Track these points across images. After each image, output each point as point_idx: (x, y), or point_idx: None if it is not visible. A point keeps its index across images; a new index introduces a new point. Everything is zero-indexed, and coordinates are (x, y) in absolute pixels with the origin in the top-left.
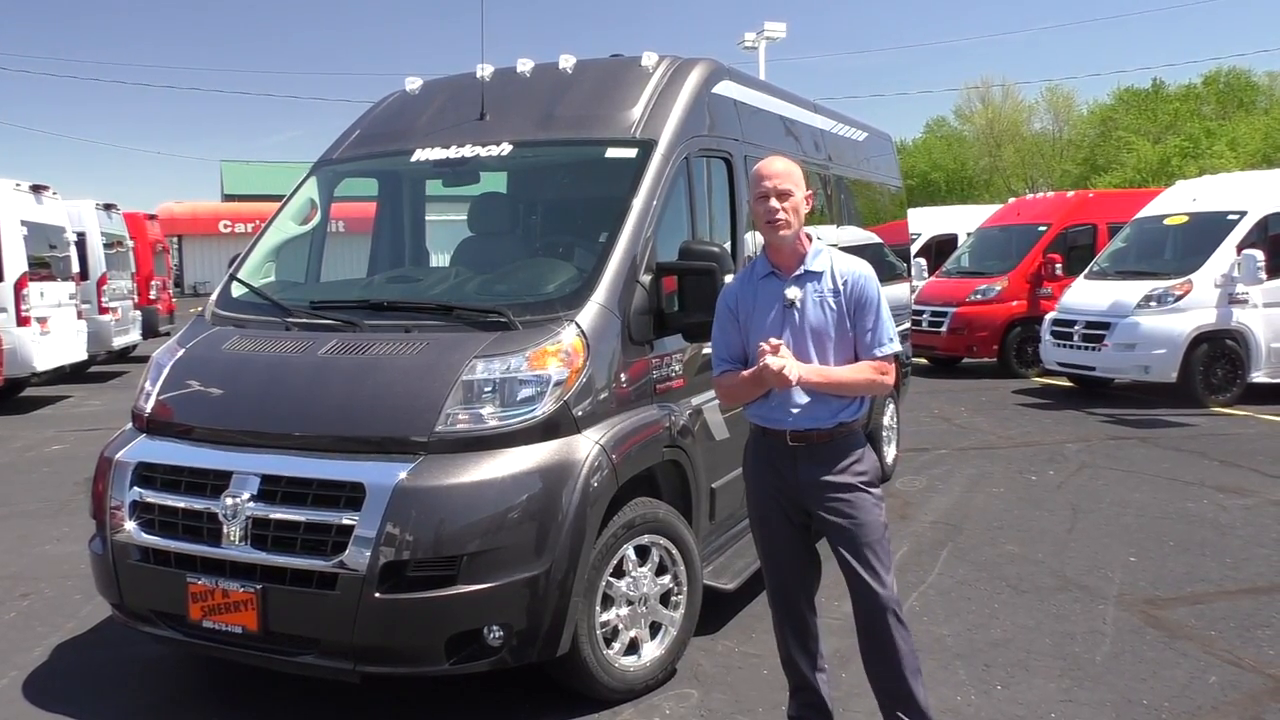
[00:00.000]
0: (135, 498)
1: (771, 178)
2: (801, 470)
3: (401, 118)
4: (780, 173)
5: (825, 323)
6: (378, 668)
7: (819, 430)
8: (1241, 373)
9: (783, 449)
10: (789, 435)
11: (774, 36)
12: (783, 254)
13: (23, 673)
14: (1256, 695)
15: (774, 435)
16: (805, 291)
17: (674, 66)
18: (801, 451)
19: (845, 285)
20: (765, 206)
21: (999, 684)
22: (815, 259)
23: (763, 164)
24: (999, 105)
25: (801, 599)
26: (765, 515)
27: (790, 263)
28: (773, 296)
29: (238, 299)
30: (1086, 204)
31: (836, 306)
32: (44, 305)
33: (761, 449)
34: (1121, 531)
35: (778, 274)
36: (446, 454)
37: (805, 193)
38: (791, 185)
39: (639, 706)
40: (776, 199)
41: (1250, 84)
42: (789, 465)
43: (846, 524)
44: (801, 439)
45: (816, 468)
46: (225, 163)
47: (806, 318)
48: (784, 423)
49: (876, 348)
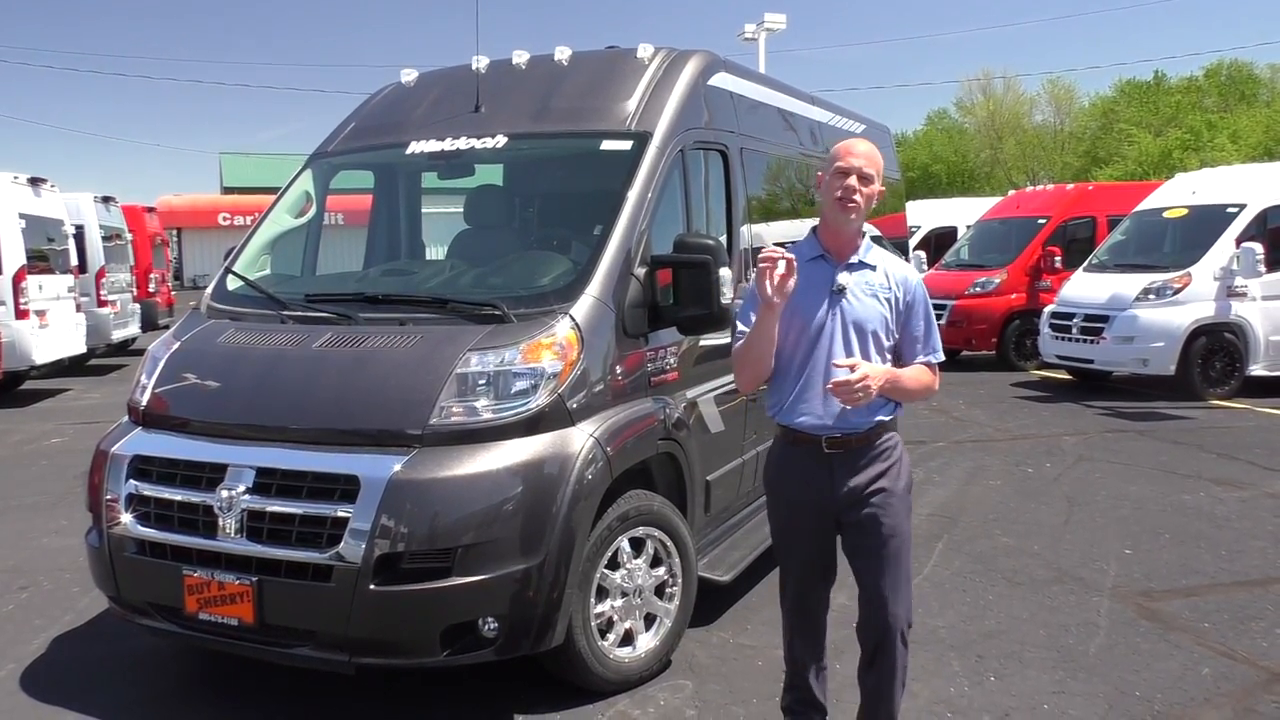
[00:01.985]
0: (131, 491)
1: (857, 157)
2: (838, 480)
3: (397, 110)
4: (867, 155)
5: (872, 318)
6: (373, 659)
7: (857, 433)
8: (1240, 366)
9: (816, 457)
10: (825, 442)
11: (774, 28)
12: (840, 239)
13: (20, 665)
14: (1249, 687)
15: (806, 442)
16: (856, 282)
17: (670, 58)
18: (838, 460)
19: (899, 285)
20: (843, 184)
21: (992, 675)
22: (869, 252)
23: (847, 142)
24: (1000, 97)
25: (819, 607)
26: (790, 528)
27: (845, 250)
28: (822, 281)
29: (233, 292)
30: (1086, 197)
31: (887, 304)
32: (43, 298)
33: (790, 459)
34: (1117, 524)
35: (828, 258)
36: (441, 446)
37: (880, 187)
38: (874, 172)
39: (634, 698)
40: (858, 179)
41: (1252, 76)
42: (823, 475)
43: (878, 535)
44: (839, 445)
45: (854, 475)
46: (224, 155)
47: (854, 309)
48: (818, 426)
49: (930, 354)
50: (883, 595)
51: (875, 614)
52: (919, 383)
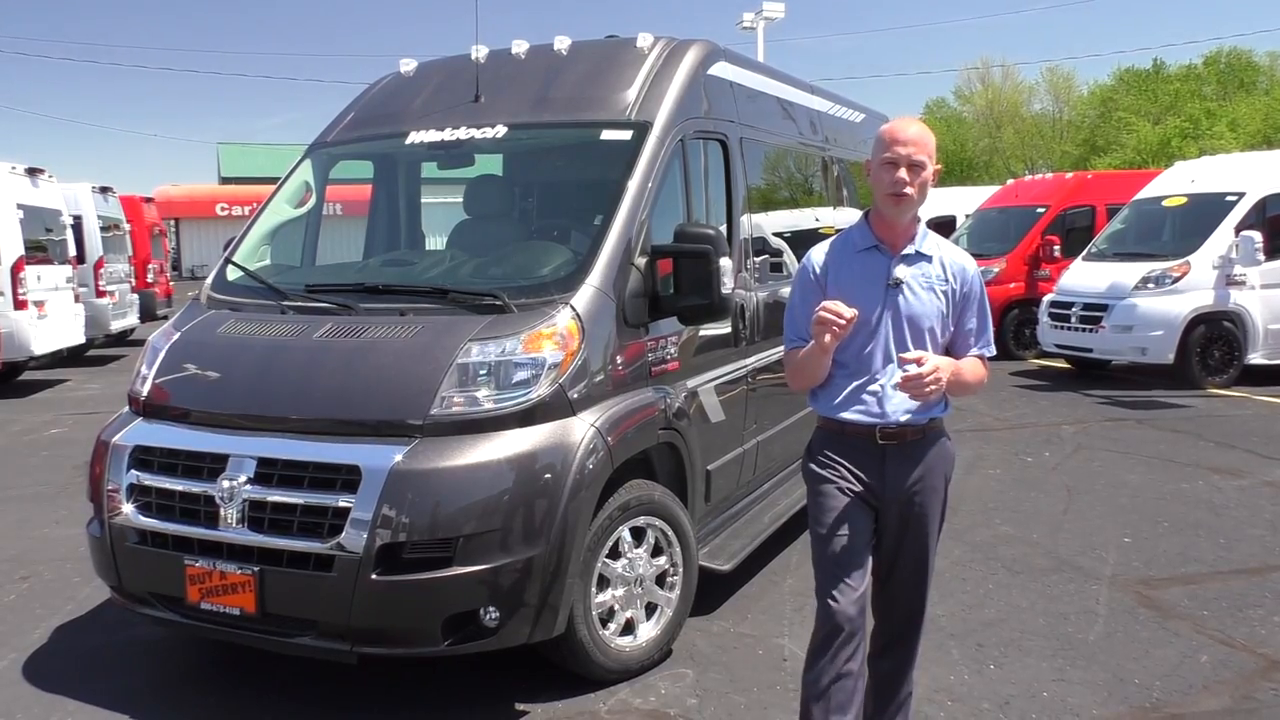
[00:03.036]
0: (132, 481)
1: (906, 144)
2: (890, 472)
3: (396, 100)
4: (915, 139)
5: (929, 312)
6: (374, 649)
7: (913, 426)
8: (1238, 354)
9: (869, 449)
10: (879, 432)
11: (772, 17)
12: (895, 230)
13: (22, 655)
14: (1247, 674)
15: (857, 433)
16: (913, 274)
17: (669, 48)
18: (892, 451)
19: (956, 277)
20: (893, 176)
21: (992, 663)
22: (924, 241)
23: (894, 125)
24: (999, 86)
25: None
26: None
27: (900, 240)
28: (876, 273)
29: (233, 283)
30: (1085, 185)
31: (944, 297)
32: (41, 289)
33: (837, 449)
34: (1116, 512)
35: (882, 249)
36: (442, 437)
37: (936, 166)
38: (926, 157)
39: (635, 686)
40: (908, 170)
41: (1251, 64)
42: (874, 467)
43: (918, 529)
44: (894, 436)
45: (908, 467)
46: (222, 145)
47: (911, 303)
48: (873, 417)
49: (985, 347)
50: (913, 586)
51: (903, 608)
52: (975, 376)
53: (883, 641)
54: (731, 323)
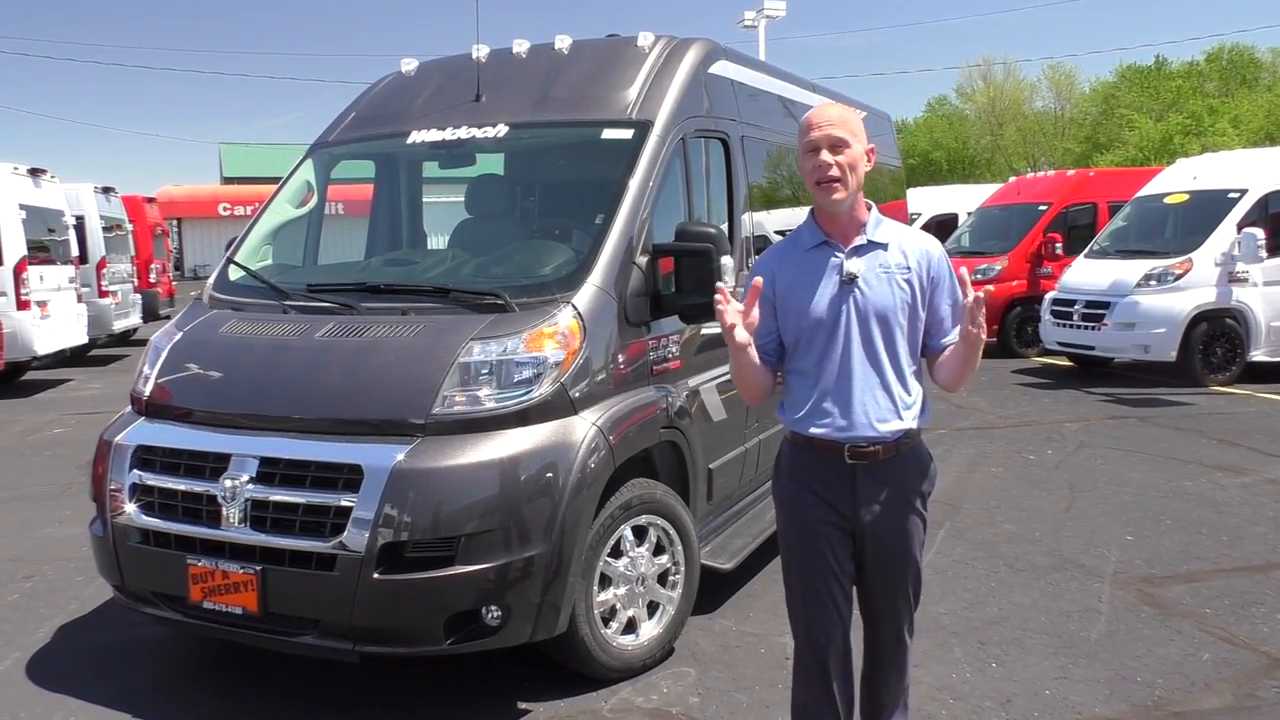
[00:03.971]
0: (135, 480)
1: (822, 125)
2: (861, 495)
3: (397, 99)
4: (833, 119)
5: (894, 305)
6: (377, 648)
7: (885, 441)
8: (1241, 351)
9: (837, 469)
10: (848, 451)
11: (774, 15)
12: (838, 221)
13: (26, 654)
14: (1249, 672)
15: (825, 450)
16: (869, 266)
17: (670, 46)
18: (862, 472)
19: (920, 263)
20: (814, 162)
21: (994, 661)
22: (878, 229)
23: (811, 112)
24: (1000, 84)
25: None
26: (806, 549)
27: (848, 232)
28: (829, 270)
29: (235, 282)
30: (1087, 183)
31: (908, 286)
32: (44, 289)
33: (804, 468)
34: (1118, 510)
35: (832, 244)
36: (443, 436)
37: (866, 145)
38: (847, 134)
39: (637, 685)
40: (828, 151)
41: (1253, 61)
42: (844, 490)
43: (896, 557)
44: (863, 455)
45: (879, 490)
46: (224, 145)
47: (870, 297)
48: (840, 431)
49: None
50: (893, 617)
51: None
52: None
53: (870, 662)
54: None
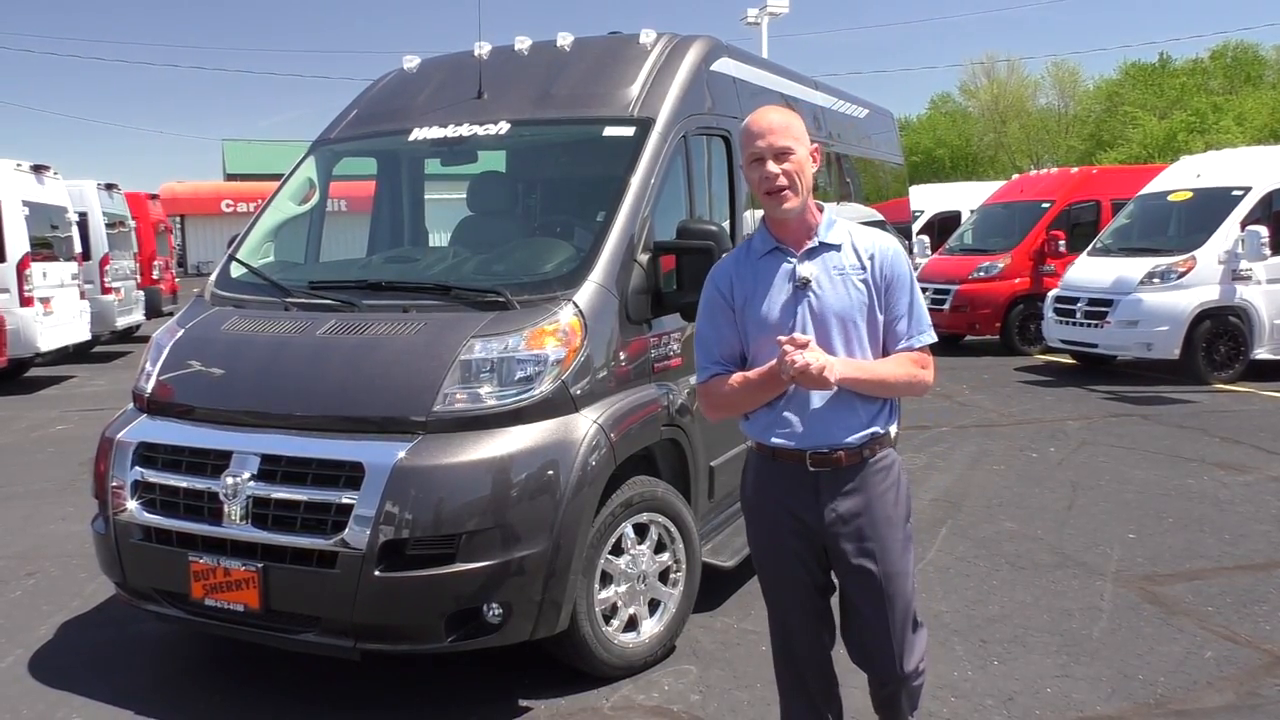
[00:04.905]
0: (137, 477)
1: (764, 134)
2: (825, 503)
3: (399, 97)
4: (775, 126)
5: (850, 306)
6: (378, 645)
7: (847, 448)
8: (1244, 349)
9: (799, 477)
10: (809, 458)
11: (777, 12)
12: (788, 226)
13: (29, 651)
14: (1251, 670)
15: (786, 459)
16: (822, 269)
17: (672, 44)
18: (825, 479)
19: (873, 261)
20: (760, 173)
21: (996, 659)
22: (830, 230)
23: (751, 118)
24: (1004, 81)
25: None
26: (775, 561)
27: (799, 236)
28: (780, 276)
29: (237, 279)
30: (1090, 180)
31: (863, 287)
32: (47, 286)
33: (768, 479)
34: (1121, 508)
35: (784, 249)
36: (445, 433)
37: (809, 147)
38: (790, 141)
39: (638, 682)
40: (774, 160)
41: (1258, 58)
42: (808, 499)
43: (874, 574)
44: (824, 462)
45: (843, 500)
46: (227, 142)
47: (826, 300)
48: (800, 439)
49: (915, 336)
50: (885, 646)
51: (877, 667)
52: (901, 374)
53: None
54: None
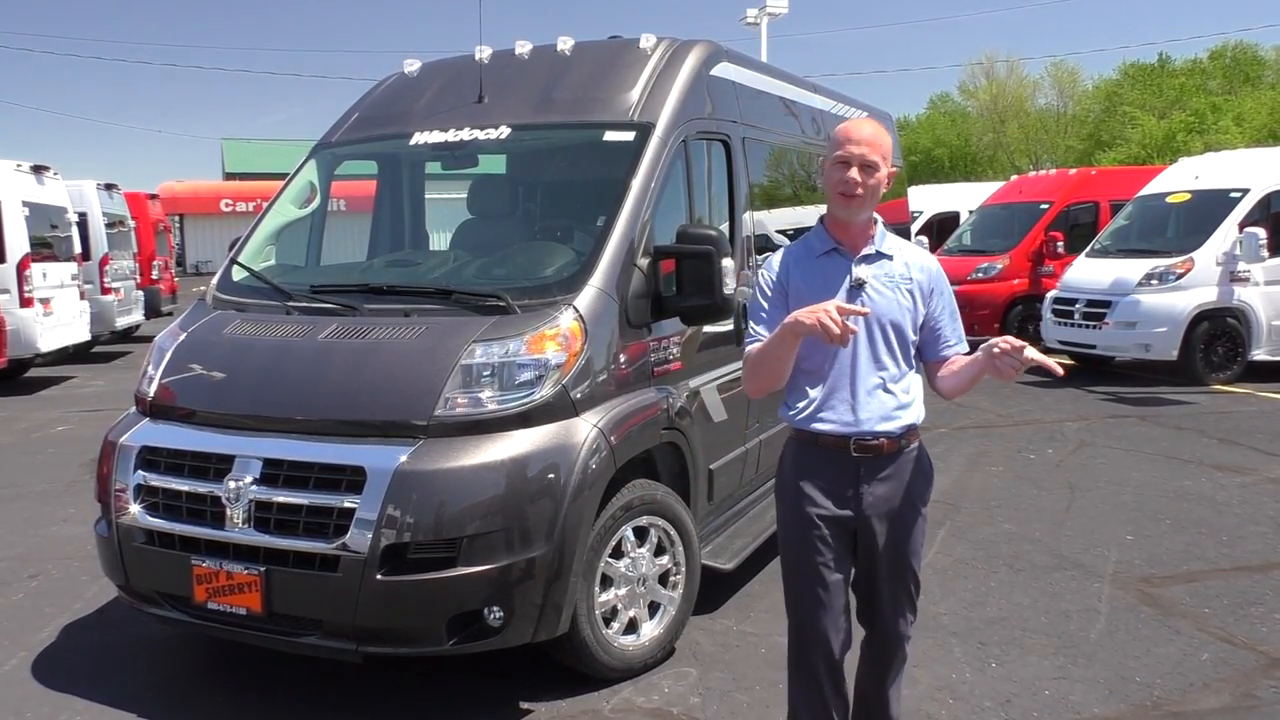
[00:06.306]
0: (140, 481)
1: (859, 143)
2: (864, 489)
3: (400, 100)
4: (869, 139)
5: (896, 311)
6: (380, 648)
7: (889, 436)
8: (1242, 351)
9: (842, 463)
10: (853, 444)
11: (776, 13)
12: (850, 231)
13: (31, 653)
14: (1248, 672)
15: (830, 444)
16: (875, 274)
17: (672, 48)
18: (867, 466)
19: (922, 273)
20: (843, 176)
21: (994, 661)
22: (884, 241)
23: (849, 125)
24: (1003, 81)
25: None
26: (804, 544)
27: (858, 241)
28: (838, 276)
29: (238, 283)
30: (1089, 181)
31: (910, 295)
32: (47, 286)
33: (808, 465)
34: (1119, 510)
35: (841, 251)
36: (446, 437)
37: (890, 169)
38: (879, 158)
39: (638, 685)
40: (860, 170)
41: (1257, 59)
42: (849, 483)
43: (897, 555)
44: (868, 449)
45: (882, 485)
46: (226, 141)
47: (876, 304)
48: (846, 427)
49: (958, 345)
50: (894, 614)
51: (879, 630)
52: None
53: (867, 660)
54: (734, 322)
